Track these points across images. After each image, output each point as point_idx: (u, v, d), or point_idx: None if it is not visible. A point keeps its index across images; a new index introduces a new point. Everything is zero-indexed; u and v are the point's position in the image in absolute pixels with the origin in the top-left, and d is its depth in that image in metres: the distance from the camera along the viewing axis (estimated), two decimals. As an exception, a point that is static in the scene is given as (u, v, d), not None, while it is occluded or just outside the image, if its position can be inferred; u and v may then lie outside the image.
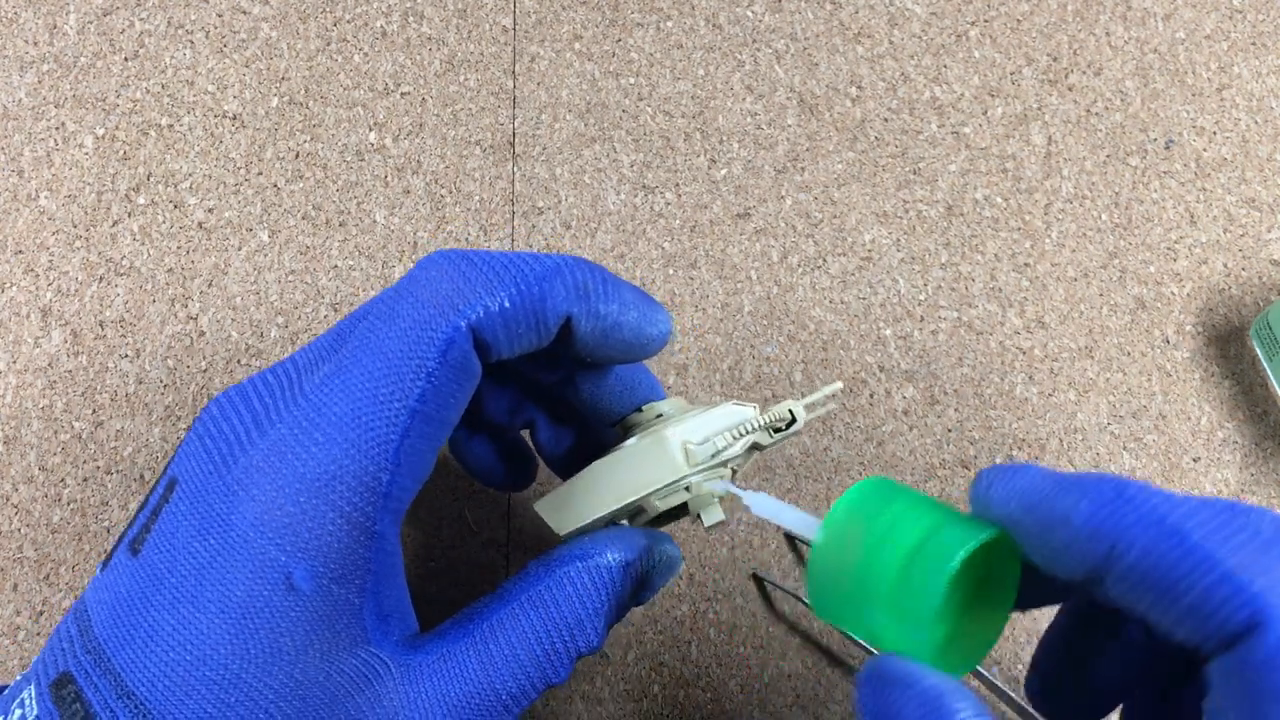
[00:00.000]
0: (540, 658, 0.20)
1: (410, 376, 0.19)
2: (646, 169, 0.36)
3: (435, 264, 0.20)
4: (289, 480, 0.18)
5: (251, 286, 0.34)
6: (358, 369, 0.19)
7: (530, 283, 0.19)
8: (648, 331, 0.22)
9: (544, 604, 0.21)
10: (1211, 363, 0.35)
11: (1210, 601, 0.16)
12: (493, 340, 0.19)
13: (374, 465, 0.19)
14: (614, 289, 0.21)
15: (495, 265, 0.20)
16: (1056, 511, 0.18)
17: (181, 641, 0.18)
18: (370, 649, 0.20)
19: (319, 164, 0.35)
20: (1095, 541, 0.17)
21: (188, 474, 0.20)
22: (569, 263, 0.20)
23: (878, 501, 0.19)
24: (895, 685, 0.17)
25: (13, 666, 0.30)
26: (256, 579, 0.18)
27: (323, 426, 0.19)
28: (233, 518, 0.19)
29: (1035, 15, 0.39)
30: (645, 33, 0.38)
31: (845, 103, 0.38)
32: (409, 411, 0.19)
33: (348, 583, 0.19)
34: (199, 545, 0.19)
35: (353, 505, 0.18)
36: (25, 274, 0.33)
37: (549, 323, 0.20)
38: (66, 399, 0.32)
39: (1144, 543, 0.17)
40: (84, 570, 0.31)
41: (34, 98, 0.35)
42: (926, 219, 0.36)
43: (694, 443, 0.22)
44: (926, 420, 0.34)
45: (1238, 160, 0.38)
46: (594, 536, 0.23)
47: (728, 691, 0.31)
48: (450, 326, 0.19)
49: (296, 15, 0.37)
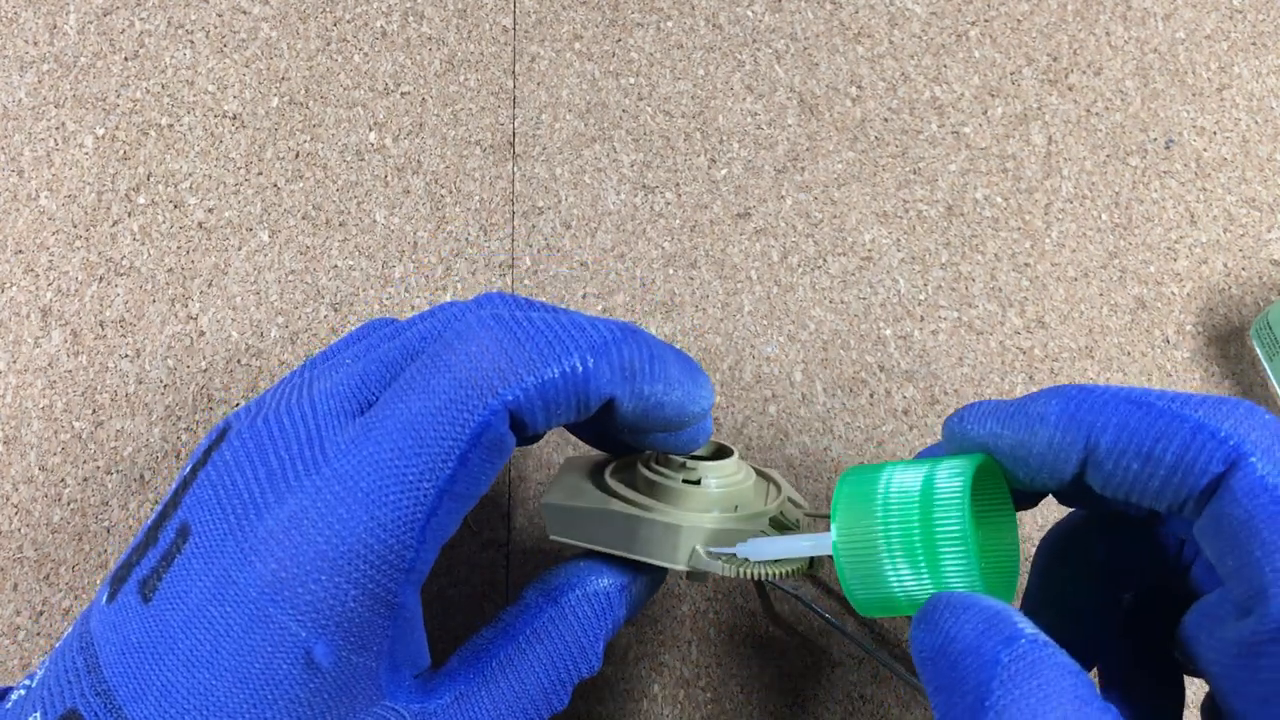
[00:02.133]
0: (547, 688, 0.21)
1: (442, 458, 0.18)
2: (646, 169, 0.36)
3: (473, 332, 0.19)
4: (309, 556, 0.18)
5: (251, 286, 0.34)
6: (387, 443, 0.18)
7: (574, 364, 0.19)
8: (690, 410, 0.21)
9: (550, 637, 0.21)
10: (1211, 363, 0.35)
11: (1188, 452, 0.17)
12: (530, 420, 0.19)
13: (399, 544, 0.18)
14: (660, 368, 0.20)
15: (538, 339, 0.19)
16: (1032, 415, 0.19)
17: (198, 706, 0.18)
18: (385, 703, 0.19)
19: (319, 164, 0.35)
20: (1073, 432, 0.18)
21: (202, 525, 0.19)
22: (617, 339, 0.19)
23: (865, 484, 0.20)
24: (950, 611, 0.18)
25: (13, 666, 0.30)
26: (276, 653, 0.18)
27: (347, 502, 0.18)
28: (249, 588, 0.18)
29: (1035, 15, 0.39)
30: (645, 33, 0.38)
31: (845, 103, 0.38)
32: (438, 492, 0.18)
33: (366, 652, 0.19)
34: (214, 610, 0.18)
35: (375, 582, 0.18)
36: (25, 274, 0.33)
37: (590, 404, 0.19)
38: (66, 399, 0.32)
39: (1118, 419, 0.18)
40: (84, 570, 0.31)
41: (34, 98, 0.35)
42: (926, 219, 0.36)
43: (703, 550, 0.22)
44: (926, 420, 0.34)
45: (1238, 160, 0.38)
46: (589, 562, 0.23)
47: (728, 691, 0.31)
48: (487, 410, 0.18)
49: (296, 15, 0.37)
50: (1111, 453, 0.18)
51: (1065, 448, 0.18)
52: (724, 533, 0.22)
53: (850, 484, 0.20)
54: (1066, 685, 0.15)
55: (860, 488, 0.20)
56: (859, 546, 0.19)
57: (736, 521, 0.23)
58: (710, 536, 0.22)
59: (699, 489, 0.23)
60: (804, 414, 0.34)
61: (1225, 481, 0.16)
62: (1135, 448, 0.17)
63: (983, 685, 0.16)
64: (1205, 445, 0.17)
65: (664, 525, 0.22)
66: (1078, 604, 0.22)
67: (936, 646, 0.17)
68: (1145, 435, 0.17)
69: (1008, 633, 0.16)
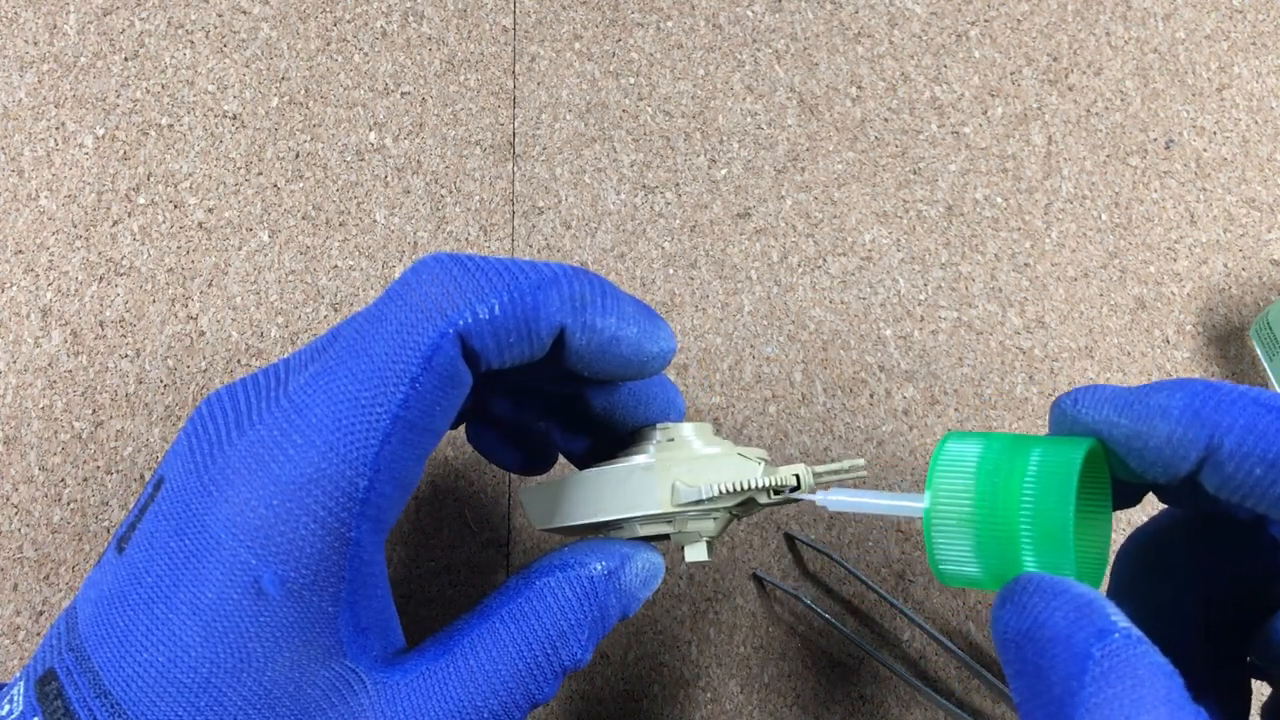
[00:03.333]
0: (523, 674, 0.20)
1: (394, 382, 0.18)
2: (646, 169, 0.36)
3: (427, 268, 0.20)
4: (264, 482, 0.18)
5: (251, 286, 0.34)
6: (341, 371, 0.19)
7: (523, 291, 0.19)
8: (648, 349, 0.21)
9: (524, 617, 0.20)
10: (1211, 363, 0.35)
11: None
12: (481, 349, 0.19)
13: (351, 470, 0.18)
14: (613, 302, 0.20)
15: (488, 271, 0.19)
16: (1153, 407, 0.18)
17: (155, 642, 0.18)
18: (345, 663, 0.19)
19: (319, 164, 0.35)
20: (1195, 429, 0.17)
21: (173, 472, 0.20)
22: (567, 272, 0.20)
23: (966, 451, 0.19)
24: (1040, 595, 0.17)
25: (13, 666, 0.30)
26: (226, 582, 0.18)
27: (302, 429, 0.18)
28: (207, 518, 0.18)
29: (1035, 15, 0.39)
30: (645, 33, 0.38)
31: (845, 103, 0.38)
32: (391, 417, 0.18)
33: (321, 590, 0.18)
34: (175, 545, 0.18)
35: (328, 510, 0.18)
36: (25, 274, 0.33)
37: (541, 334, 0.19)
38: (66, 399, 0.32)
39: (1245, 420, 0.17)
40: (84, 570, 0.31)
41: (34, 98, 0.35)
42: (926, 219, 0.36)
43: (684, 482, 0.21)
44: (926, 420, 0.34)
45: (1238, 160, 0.38)
46: (574, 546, 0.22)
47: (728, 691, 0.31)
48: (436, 332, 0.18)
49: (296, 15, 0.37)
50: (1234, 454, 0.17)
51: (1186, 444, 0.17)
52: (703, 460, 0.22)
53: (952, 450, 0.19)
54: (1160, 686, 0.15)
55: (961, 455, 0.19)
56: (953, 514, 0.19)
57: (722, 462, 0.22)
58: (690, 472, 0.21)
59: (676, 441, 0.23)
60: (804, 414, 0.34)
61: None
62: (1261, 452, 0.17)
63: (1074, 678, 0.16)
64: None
65: (637, 468, 0.22)
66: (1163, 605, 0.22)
67: (1023, 630, 0.17)
68: (1274, 440, 0.17)
69: (1101, 624, 0.16)
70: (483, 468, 0.33)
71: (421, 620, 0.31)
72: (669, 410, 0.24)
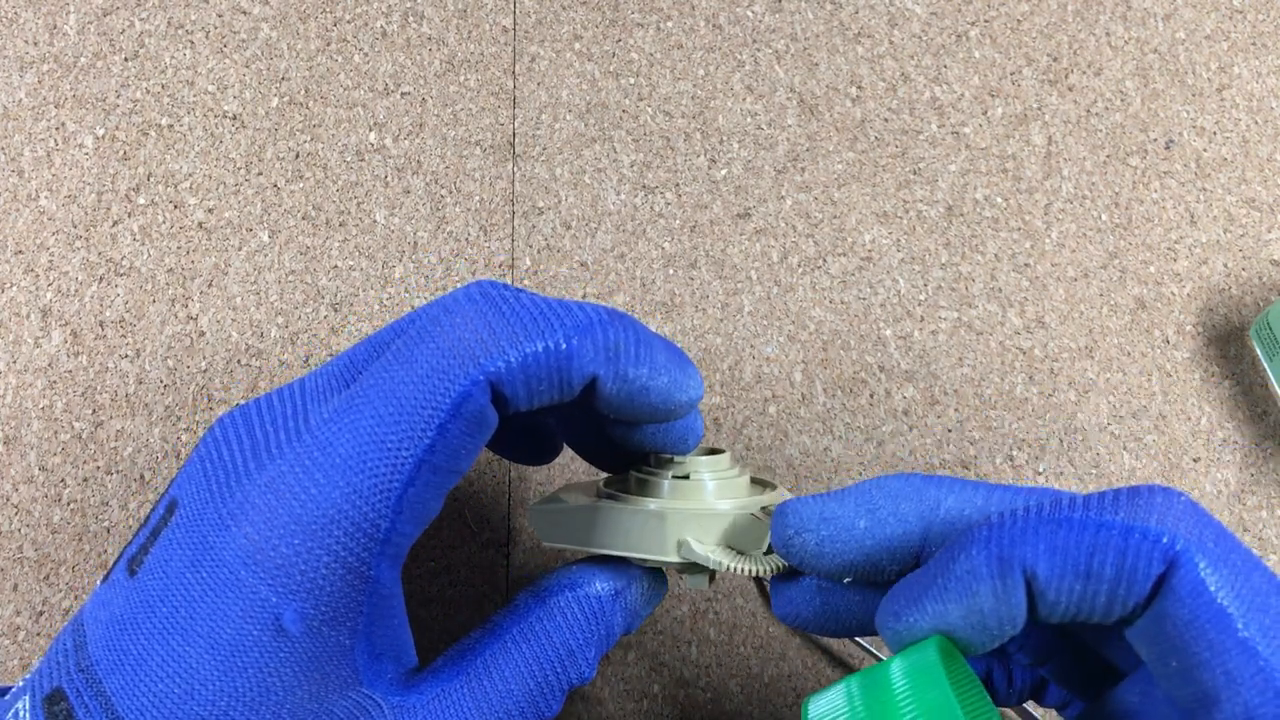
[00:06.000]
0: (533, 691, 0.20)
1: (421, 426, 0.18)
2: (646, 169, 0.36)
3: (460, 305, 0.19)
4: (284, 520, 0.18)
5: (251, 286, 0.34)
6: (368, 410, 0.18)
7: (558, 339, 0.18)
8: (676, 398, 0.21)
9: (536, 637, 0.21)
10: (1211, 363, 0.35)
11: (1126, 559, 0.16)
12: (511, 395, 0.19)
13: (374, 513, 0.18)
14: (646, 351, 0.20)
15: (522, 315, 0.19)
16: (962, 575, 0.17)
17: (171, 673, 0.18)
18: (362, 690, 0.19)
19: (319, 164, 0.35)
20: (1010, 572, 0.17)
21: (187, 498, 0.19)
22: (603, 319, 0.19)
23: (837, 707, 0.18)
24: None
25: (13, 667, 0.30)
26: (246, 618, 0.18)
27: (324, 467, 0.18)
28: (225, 553, 0.18)
29: (1035, 15, 0.39)
30: (645, 33, 0.38)
31: (845, 103, 0.38)
32: (415, 461, 0.18)
33: (339, 625, 0.18)
34: (191, 576, 0.18)
35: (348, 550, 0.18)
36: (25, 274, 0.33)
37: (573, 382, 0.19)
38: (66, 399, 0.32)
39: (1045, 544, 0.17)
40: (84, 570, 0.31)
41: (34, 98, 0.35)
42: (926, 219, 0.36)
43: (694, 538, 0.21)
44: (926, 420, 0.34)
45: (1238, 160, 0.38)
46: (583, 565, 0.22)
47: (728, 691, 0.31)
48: (468, 380, 0.18)
49: (296, 15, 0.37)
50: (1050, 580, 0.16)
51: (1010, 591, 0.17)
52: (712, 518, 0.22)
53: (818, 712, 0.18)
54: None
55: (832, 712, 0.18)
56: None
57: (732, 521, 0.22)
58: (699, 526, 0.22)
59: (689, 483, 0.23)
60: (804, 414, 0.34)
61: (1167, 581, 0.16)
62: (1073, 567, 0.16)
63: None
64: (1140, 548, 0.16)
65: (648, 514, 0.22)
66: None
67: None
68: (1078, 552, 0.16)
69: None
70: (483, 468, 0.33)
71: (421, 620, 0.31)
72: (688, 436, 0.23)
